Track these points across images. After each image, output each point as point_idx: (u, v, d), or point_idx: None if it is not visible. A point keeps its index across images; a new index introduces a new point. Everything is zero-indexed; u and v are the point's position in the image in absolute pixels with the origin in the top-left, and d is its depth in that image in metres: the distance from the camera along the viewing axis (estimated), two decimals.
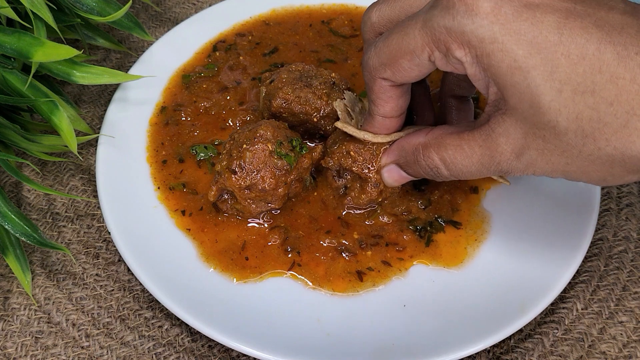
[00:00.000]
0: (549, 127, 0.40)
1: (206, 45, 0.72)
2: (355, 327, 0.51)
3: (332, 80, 0.60)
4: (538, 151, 0.42)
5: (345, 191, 0.57)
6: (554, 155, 0.41)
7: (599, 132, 0.39)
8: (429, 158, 0.48)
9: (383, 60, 0.46)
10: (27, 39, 0.56)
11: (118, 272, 0.58)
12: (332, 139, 0.57)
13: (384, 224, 0.57)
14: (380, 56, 0.47)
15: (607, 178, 0.41)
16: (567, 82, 0.39)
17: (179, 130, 0.64)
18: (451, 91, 0.57)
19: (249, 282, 0.54)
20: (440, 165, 0.47)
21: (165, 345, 0.54)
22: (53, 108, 0.57)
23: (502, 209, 0.58)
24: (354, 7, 0.76)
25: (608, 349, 0.53)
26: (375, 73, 0.48)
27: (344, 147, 0.54)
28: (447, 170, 0.47)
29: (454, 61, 0.43)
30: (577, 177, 0.42)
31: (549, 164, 0.42)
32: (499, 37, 0.40)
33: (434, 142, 0.48)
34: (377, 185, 0.55)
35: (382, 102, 0.50)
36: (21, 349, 0.53)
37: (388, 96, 0.49)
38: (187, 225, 0.57)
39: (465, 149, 0.45)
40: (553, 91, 0.39)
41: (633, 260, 0.58)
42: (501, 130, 0.43)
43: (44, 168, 0.65)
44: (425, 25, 0.43)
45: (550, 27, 0.39)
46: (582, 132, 0.39)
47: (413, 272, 0.54)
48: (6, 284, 0.57)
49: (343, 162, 0.55)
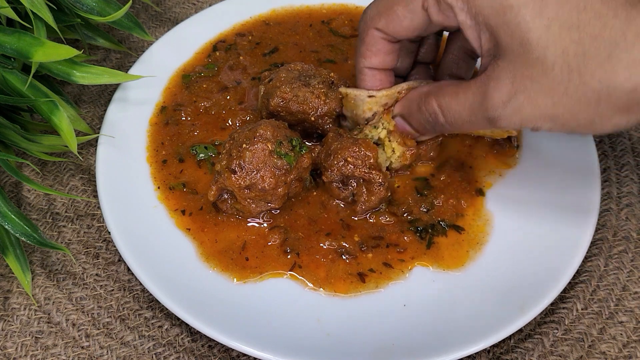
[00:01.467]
0: (537, 64, 0.41)
1: (206, 45, 0.72)
2: (355, 327, 0.51)
3: (330, 79, 0.60)
4: (525, 94, 0.43)
5: (354, 198, 0.57)
6: (541, 95, 0.42)
7: (584, 66, 0.40)
8: (429, 104, 0.50)
9: (380, 9, 0.49)
10: (27, 39, 0.56)
11: (118, 272, 0.58)
12: (323, 153, 0.57)
13: (384, 225, 0.57)
14: (378, 5, 0.49)
15: (596, 120, 0.42)
16: (555, 18, 0.40)
17: (179, 130, 0.64)
18: (448, 70, 0.58)
19: (249, 282, 0.54)
20: (438, 110, 0.49)
21: (165, 345, 0.54)
22: (53, 108, 0.57)
23: (502, 210, 0.58)
24: (354, 7, 0.75)
25: (608, 349, 0.53)
26: (370, 22, 0.50)
27: (340, 156, 0.55)
28: (443, 117, 0.49)
29: (445, 7, 0.45)
30: (566, 121, 0.43)
31: (536, 108, 0.43)
32: None
33: (434, 90, 0.50)
34: (383, 183, 0.55)
35: (370, 53, 0.52)
36: (21, 349, 0.53)
37: (377, 48, 0.52)
38: (187, 225, 0.57)
39: (460, 95, 0.47)
40: (542, 27, 0.41)
41: (633, 260, 0.58)
42: (494, 75, 0.44)
43: (44, 168, 0.65)
44: None
45: None
46: (567, 66, 0.41)
47: (413, 273, 0.54)
48: (6, 284, 0.57)
49: (344, 170, 0.55)
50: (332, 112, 0.59)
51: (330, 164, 0.55)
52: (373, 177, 0.54)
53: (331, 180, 0.56)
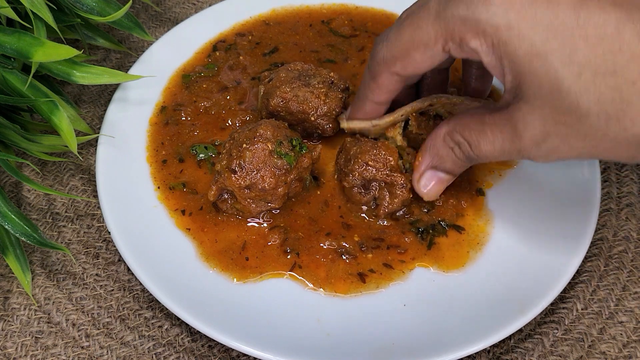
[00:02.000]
0: (570, 112, 0.39)
1: (206, 45, 0.72)
2: (355, 327, 0.51)
3: (330, 79, 0.60)
4: (560, 137, 0.41)
5: (376, 202, 0.56)
6: (577, 140, 0.41)
7: (623, 113, 0.38)
8: (458, 141, 0.48)
9: (394, 54, 0.46)
10: (27, 39, 0.56)
11: (118, 272, 0.58)
12: (342, 159, 0.57)
13: (384, 227, 0.57)
14: (392, 49, 0.46)
15: (637, 156, 0.40)
16: (586, 64, 0.38)
17: (179, 130, 0.64)
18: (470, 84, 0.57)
19: (249, 282, 0.54)
20: (467, 145, 0.47)
21: (165, 345, 0.54)
22: (53, 108, 0.57)
23: (503, 210, 0.58)
24: (354, 7, 0.75)
25: (608, 349, 0.53)
26: (384, 66, 0.47)
27: (360, 160, 0.54)
28: (473, 151, 0.47)
29: (469, 50, 0.42)
30: (606, 157, 0.42)
31: (573, 149, 0.41)
32: (514, 24, 0.39)
33: (457, 126, 0.48)
34: (405, 185, 0.54)
35: (381, 92, 0.50)
36: (21, 349, 0.53)
37: (390, 89, 0.50)
38: (187, 225, 0.57)
39: (488, 134, 0.45)
40: (573, 75, 0.38)
41: (633, 260, 0.58)
42: (520, 117, 0.42)
43: (44, 168, 0.65)
44: (439, 17, 0.42)
45: (566, 9, 0.38)
46: (605, 114, 0.39)
47: (414, 273, 0.54)
48: (6, 284, 0.57)
49: (366, 175, 0.55)
50: (332, 112, 0.59)
51: (352, 169, 0.55)
52: (395, 179, 0.54)
53: (352, 186, 0.56)
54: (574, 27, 0.38)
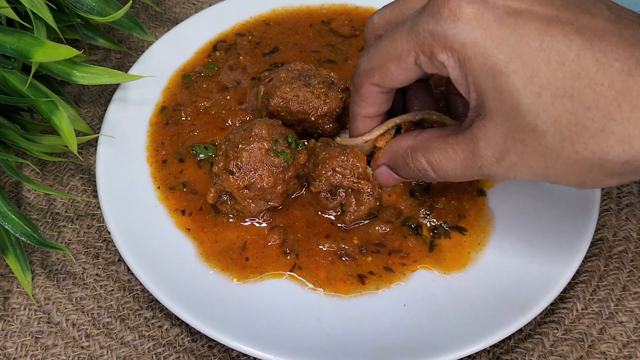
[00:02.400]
0: (528, 130, 0.41)
1: (206, 45, 0.72)
2: (355, 327, 0.51)
3: (330, 79, 0.60)
4: (517, 155, 0.42)
5: (342, 208, 0.56)
6: (534, 159, 0.42)
7: (577, 136, 0.39)
8: (417, 161, 0.49)
9: (373, 65, 0.48)
10: (27, 39, 0.56)
11: (118, 272, 0.58)
12: (311, 162, 0.56)
13: (384, 233, 0.56)
14: (371, 61, 0.48)
15: (587, 182, 0.42)
16: (546, 86, 0.39)
17: (179, 130, 0.64)
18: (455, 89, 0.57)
19: (249, 282, 0.54)
20: (428, 167, 0.49)
21: (165, 345, 0.54)
22: (53, 108, 0.57)
23: (503, 210, 0.58)
24: (354, 7, 0.76)
25: (608, 349, 0.53)
26: (364, 77, 0.49)
27: (327, 166, 0.54)
28: (434, 173, 0.48)
29: (438, 64, 0.44)
30: (558, 180, 0.43)
31: (529, 168, 0.43)
32: (480, 42, 0.40)
33: (421, 145, 0.49)
34: (372, 193, 0.55)
35: (366, 104, 0.52)
36: (21, 349, 0.53)
37: (373, 101, 0.51)
38: (187, 225, 0.57)
39: (450, 153, 0.46)
40: (532, 95, 0.40)
41: (633, 260, 0.58)
42: (481, 135, 0.43)
43: (44, 168, 0.65)
44: (411, 31, 0.44)
45: (532, 34, 0.40)
46: (560, 135, 0.40)
47: (414, 273, 0.54)
48: (6, 284, 0.57)
49: (332, 180, 0.54)
50: (332, 112, 0.59)
51: (318, 174, 0.55)
52: (362, 187, 0.54)
53: (319, 191, 0.56)
54: (538, 50, 0.39)
